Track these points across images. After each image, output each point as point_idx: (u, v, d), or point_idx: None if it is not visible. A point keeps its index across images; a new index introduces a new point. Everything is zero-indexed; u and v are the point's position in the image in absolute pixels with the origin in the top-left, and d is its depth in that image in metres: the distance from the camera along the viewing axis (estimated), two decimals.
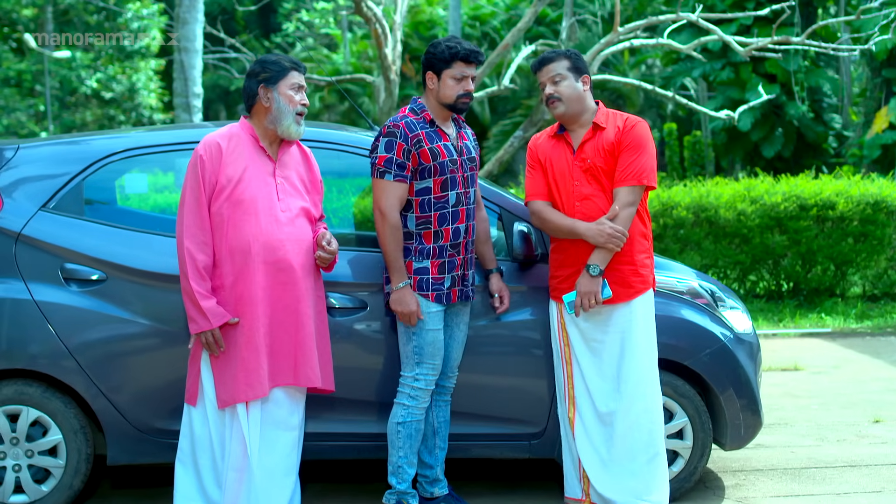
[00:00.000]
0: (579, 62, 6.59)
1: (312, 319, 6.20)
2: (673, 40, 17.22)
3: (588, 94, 6.57)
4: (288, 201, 6.17)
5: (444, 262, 6.40)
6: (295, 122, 6.19)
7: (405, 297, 6.33)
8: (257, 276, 6.05)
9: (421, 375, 6.43)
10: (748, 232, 15.37)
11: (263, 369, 6.06)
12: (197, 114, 18.43)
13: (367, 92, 33.65)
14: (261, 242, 6.04)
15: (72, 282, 6.52)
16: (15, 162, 6.73)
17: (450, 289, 6.42)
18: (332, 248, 6.18)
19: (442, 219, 6.38)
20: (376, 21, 15.57)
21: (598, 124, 6.51)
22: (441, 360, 6.46)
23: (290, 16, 44.44)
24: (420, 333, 6.40)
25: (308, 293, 6.18)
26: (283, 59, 6.29)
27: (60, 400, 6.55)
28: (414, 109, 6.51)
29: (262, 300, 6.06)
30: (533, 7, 15.57)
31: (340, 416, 6.74)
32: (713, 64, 28.29)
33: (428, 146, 6.34)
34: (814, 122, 29.61)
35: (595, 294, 6.36)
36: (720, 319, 7.05)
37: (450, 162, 6.37)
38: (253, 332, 6.05)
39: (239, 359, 6.05)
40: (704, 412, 6.95)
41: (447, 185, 6.38)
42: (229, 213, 6.04)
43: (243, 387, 6.04)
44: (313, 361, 6.17)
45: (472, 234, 6.50)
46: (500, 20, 36.39)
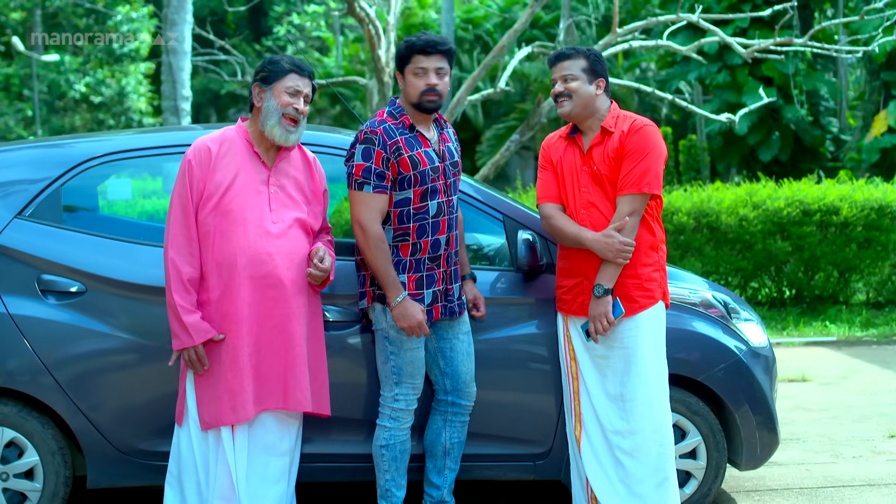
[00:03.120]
0: (597, 65, 6.19)
1: (305, 339, 5.83)
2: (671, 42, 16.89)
3: (601, 98, 6.19)
4: (281, 212, 5.80)
5: (421, 276, 6.01)
6: (280, 125, 5.80)
7: (407, 310, 5.92)
8: (243, 292, 5.71)
9: (401, 395, 6.07)
10: (750, 238, 15.15)
11: (248, 392, 5.71)
12: (185, 117, 18.12)
13: (359, 96, 33.40)
14: (248, 255, 5.69)
15: (49, 294, 6.17)
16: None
17: (431, 305, 6.02)
18: (323, 266, 5.79)
19: (421, 231, 5.99)
20: (369, 22, 15.29)
21: (606, 129, 6.12)
22: (421, 378, 6.10)
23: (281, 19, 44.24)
24: (398, 353, 6.04)
25: (300, 311, 5.81)
26: (286, 61, 5.92)
27: (37, 419, 6.20)
28: (392, 113, 6.07)
29: (247, 317, 5.71)
30: (530, 8, 15.29)
31: (335, 437, 6.39)
32: (709, 67, 28.02)
33: (408, 154, 5.94)
34: (811, 125, 29.39)
35: (606, 315, 6.00)
36: (734, 332, 6.73)
37: (431, 170, 5.97)
38: (237, 352, 5.70)
39: (223, 379, 5.72)
40: (719, 430, 6.62)
41: (427, 194, 5.98)
42: (217, 223, 5.71)
43: (227, 409, 5.71)
44: (304, 385, 5.80)
45: (454, 246, 6.11)
46: (493, 23, 36.13)
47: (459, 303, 6.15)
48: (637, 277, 6.07)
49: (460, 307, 6.16)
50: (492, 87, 15.29)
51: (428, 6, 38.00)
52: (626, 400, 6.08)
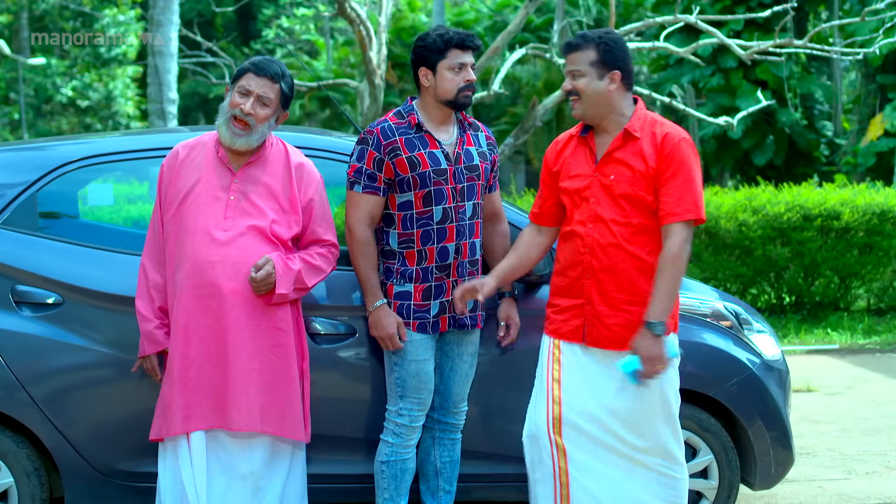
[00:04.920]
0: (609, 55, 5.31)
1: (251, 355, 5.44)
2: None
3: (618, 94, 5.35)
4: (236, 220, 5.46)
5: (429, 286, 5.71)
6: (226, 126, 5.48)
7: (381, 318, 5.67)
8: (185, 302, 5.42)
9: (405, 410, 5.76)
10: (749, 243, 14.92)
11: (177, 406, 5.42)
12: (172, 120, 17.81)
13: (349, 99, 33.12)
14: (192, 264, 5.40)
15: (24, 306, 5.85)
16: None
17: (437, 316, 5.72)
18: (255, 276, 5.36)
19: (425, 237, 5.69)
20: (360, 23, 14.97)
21: (630, 132, 5.35)
22: (428, 393, 5.77)
23: (270, 22, 43.98)
24: (402, 364, 5.74)
25: (241, 324, 5.42)
26: (251, 60, 5.62)
27: (11, 439, 5.86)
28: (400, 112, 5.81)
29: (184, 328, 5.42)
30: (523, 9, 15.00)
31: (327, 456, 6.05)
32: (703, 70, 27.80)
33: (406, 155, 5.65)
34: (806, 129, 29.21)
35: (662, 357, 5.19)
36: (747, 344, 6.44)
37: (433, 173, 5.66)
38: (172, 364, 5.44)
39: (162, 392, 5.52)
40: (731, 448, 6.31)
41: (430, 198, 5.68)
42: (173, 230, 5.49)
43: (161, 422, 5.49)
44: (242, 404, 5.41)
45: (467, 255, 5.77)
46: (484, 26, 35.87)
47: (472, 315, 5.82)
48: (647, 305, 5.30)
49: (473, 321, 5.83)
50: (483, 91, 14.98)
51: (418, 9, 37.79)
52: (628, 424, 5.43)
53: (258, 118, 5.50)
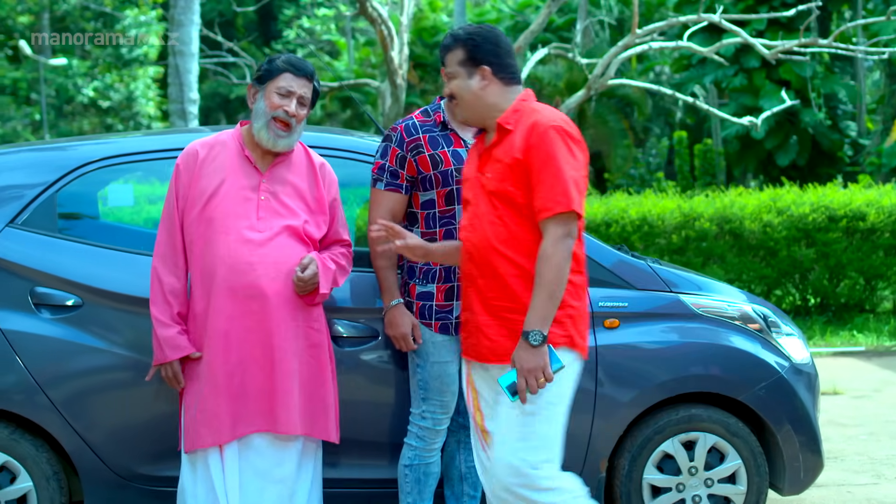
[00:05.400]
0: (476, 51, 4.99)
1: (295, 355, 5.37)
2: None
3: (493, 90, 4.98)
4: (270, 220, 5.37)
5: (452, 286, 5.62)
6: (267, 129, 5.38)
7: (396, 318, 5.62)
8: (223, 305, 5.30)
9: (427, 413, 5.67)
10: (774, 244, 14.83)
11: (225, 413, 5.29)
12: (193, 121, 17.75)
13: (370, 99, 33.07)
14: (227, 266, 5.28)
15: (43, 308, 5.77)
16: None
17: (460, 317, 5.62)
18: (302, 275, 5.30)
19: (448, 236, 5.61)
20: (382, 23, 14.92)
21: (502, 125, 4.97)
22: (452, 396, 5.68)
23: (291, 22, 43.98)
24: (424, 366, 5.66)
25: (286, 325, 5.35)
26: (282, 59, 5.51)
27: (31, 442, 5.79)
28: (427, 110, 5.75)
29: (226, 333, 5.30)
30: (546, 9, 14.93)
31: (350, 461, 5.97)
32: (725, 70, 27.66)
33: (429, 152, 5.59)
34: (829, 129, 29.05)
35: (543, 370, 4.72)
36: (775, 347, 6.33)
37: (456, 171, 5.58)
38: (215, 370, 5.30)
39: (202, 399, 5.33)
40: (760, 453, 6.21)
41: (453, 197, 5.60)
42: (200, 231, 5.35)
43: (204, 431, 5.31)
44: (292, 405, 5.34)
45: None
46: (505, 26, 35.78)
47: None
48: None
49: None
50: None
51: (439, 9, 37.71)
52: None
53: (299, 119, 5.44)
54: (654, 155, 31.21)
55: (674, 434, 6.14)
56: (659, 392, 6.11)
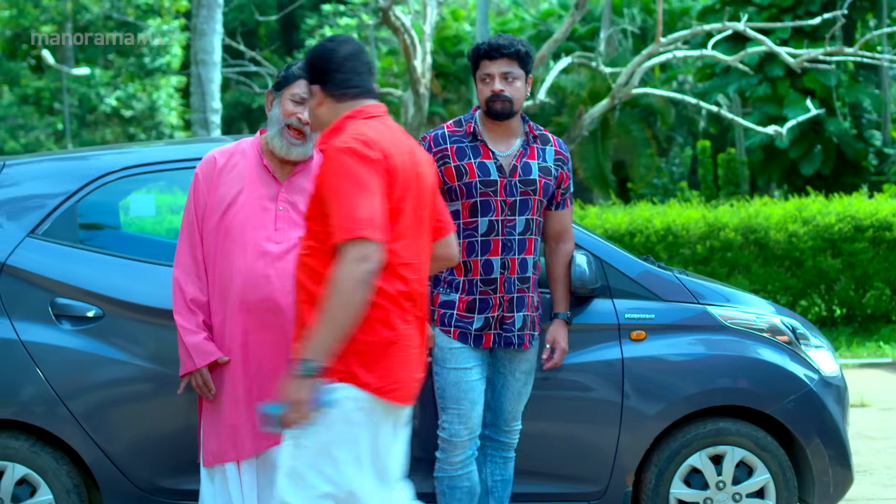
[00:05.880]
0: (310, 72, 4.72)
1: None
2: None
3: (327, 110, 4.66)
4: (288, 231, 5.26)
5: (474, 299, 5.54)
6: (280, 136, 5.28)
7: None
8: (238, 318, 5.21)
9: (445, 423, 5.59)
10: (800, 254, 14.74)
11: (245, 427, 5.20)
12: (215, 130, 17.72)
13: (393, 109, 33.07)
14: (243, 278, 5.18)
15: (64, 319, 5.73)
16: (0, 181, 5.93)
17: (481, 330, 5.55)
18: None
19: (469, 248, 5.54)
20: (405, 31, 14.89)
21: (318, 147, 4.71)
22: (470, 405, 5.56)
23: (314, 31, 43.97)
24: (441, 373, 5.58)
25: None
26: (299, 66, 5.37)
27: (51, 455, 5.74)
28: (460, 120, 5.69)
29: (243, 345, 5.22)
30: (570, 17, 14.88)
31: None
32: (749, 79, 27.55)
33: (455, 163, 5.53)
34: (854, 139, 28.91)
35: (300, 404, 4.27)
36: (804, 360, 6.25)
37: (481, 183, 5.51)
38: (234, 384, 5.22)
39: (223, 413, 5.25)
40: (789, 467, 6.13)
41: (477, 209, 5.53)
42: (218, 242, 5.26)
43: (227, 445, 5.22)
44: None
45: (515, 271, 5.57)
46: (528, 35, 35.74)
47: (520, 334, 5.61)
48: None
49: (520, 339, 5.62)
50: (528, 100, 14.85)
51: (462, 19, 37.70)
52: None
53: (313, 126, 5.35)
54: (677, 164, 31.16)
55: (701, 448, 6.07)
56: (686, 405, 6.05)
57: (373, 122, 4.59)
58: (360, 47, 4.73)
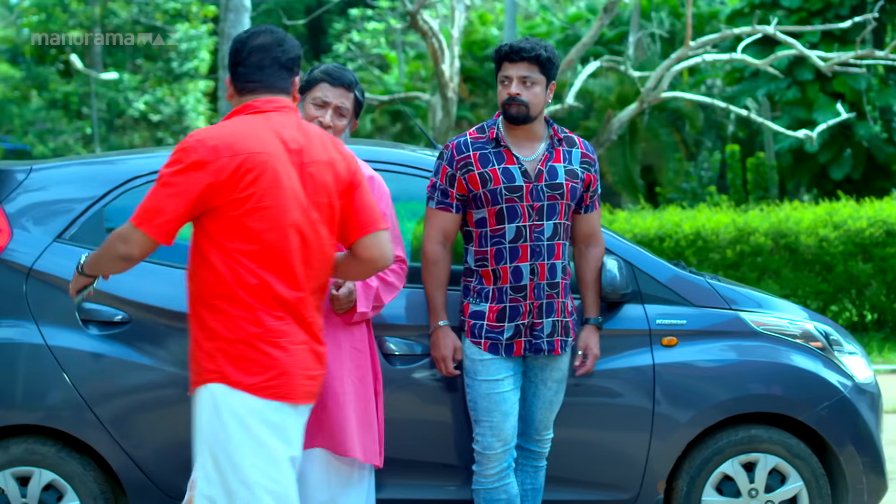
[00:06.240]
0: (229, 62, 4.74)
1: (337, 377, 5.18)
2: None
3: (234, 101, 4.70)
4: None
5: (504, 307, 5.48)
6: None
7: (437, 339, 5.54)
8: None
9: (479, 436, 5.54)
10: (830, 259, 14.65)
11: None
12: None
13: (420, 113, 33.05)
14: None
15: (91, 324, 5.70)
16: (27, 186, 5.92)
17: (512, 339, 5.49)
18: (336, 293, 5.12)
19: (498, 256, 5.48)
20: (433, 36, 14.86)
21: None
22: (502, 417, 5.50)
23: (341, 36, 44.04)
24: (472, 385, 5.53)
25: (327, 344, 5.20)
26: (321, 69, 5.38)
27: (78, 461, 5.71)
28: (483, 126, 5.62)
29: None
30: (598, 21, 14.83)
31: (408, 482, 5.87)
32: (778, 83, 27.40)
33: (479, 170, 5.46)
34: (885, 143, 28.70)
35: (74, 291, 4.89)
36: (838, 366, 6.19)
37: (506, 189, 5.44)
38: None
39: None
40: (822, 475, 6.06)
41: (503, 216, 5.47)
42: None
43: None
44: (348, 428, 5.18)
45: (545, 276, 5.50)
46: (555, 39, 35.67)
47: (550, 340, 5.55)
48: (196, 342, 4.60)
49: (550, 345, 5.56)
50: (557, 104, 14.81)
51: (489, 23, 37.65)
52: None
53: (336, 130, 5.28)
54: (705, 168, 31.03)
55: (733, 455, 6.01)
56: (718, 412, 5.99)
57: (254, 117, 4.55)
58: (272, 41, 4.63)
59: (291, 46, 4.66)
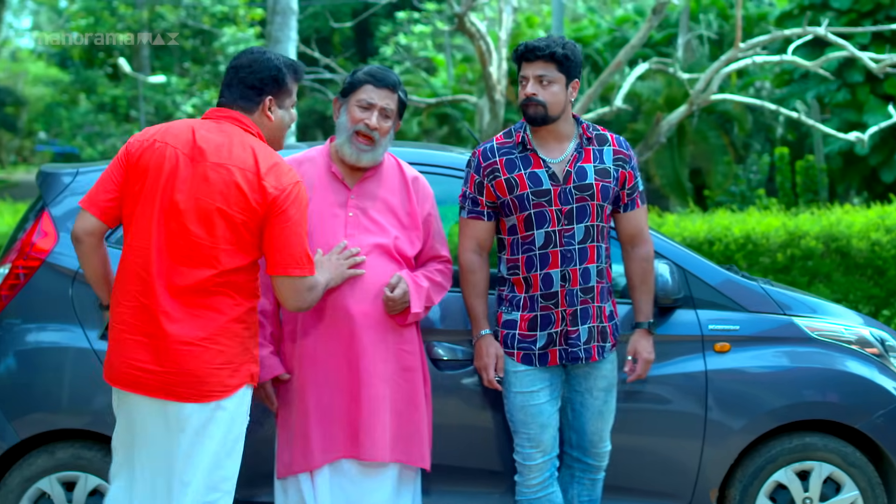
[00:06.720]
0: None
1: (383, 379, 5.18)
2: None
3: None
4: (359, 238, 5.19)
5: (535, 315, 5.36)
6: (349, 143, 5.21)
7: (479, 349, 5.43)
8: (309, 327, 5.15)
9: (518, 447, 5.46)
10: (882, 263, 14.41)
11: (314, 437, 5.12)
12: (290, 137, 17.66)
13: (467, 116, 32.98)
14: None
15: None
16: (74, 189, 5.89)
17: (545, 348, 5.37)
18: (392, 295, 5.11)
19: (529, 263, 5.36)
20: (480, 38, 14.78)
21: None
22: (539, 429, 5.40)
23: (388, 39, 44.03)
24: (508, 397, 5.43)
25: (374, 349, 5.15)
26: (364, 71, 5.32)
27: None
28: (510, 130, 5.49)
29: (313, 355, 5.14)
30: (648, 23, 14.69)
31: (454, 489, 5.81)
32: (828, 85, 27.17)
33: (505, 176, 5.34)
34: None
35: None
36: (894, 373, 6.09)
37: (532, 194, 5.31)
38: (304, 393, 5.15)
39: (295, 423, 5.19)
40: (878, 484, 5.97)
41: (532, 222, 5.33)
42: None
43: (298, 456, 5.16)
44: (378, 431, 5.14)
45: (577, 282, 5.34)
46: (603, 42, 35.52)
47: (587, 348, 5.41)
48: None
49: (587, 353, 5.42)
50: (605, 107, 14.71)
51: (536, 25, 37.54)
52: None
53: (382, 131, 5.24)
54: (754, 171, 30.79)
55: (787, 463, 5.93)
56: (771, 419, 5.91)
57: (193, 120, 4.85)
58: (245, 63, 4.88)
59: (263, 68, 4.86)
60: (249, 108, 4.85)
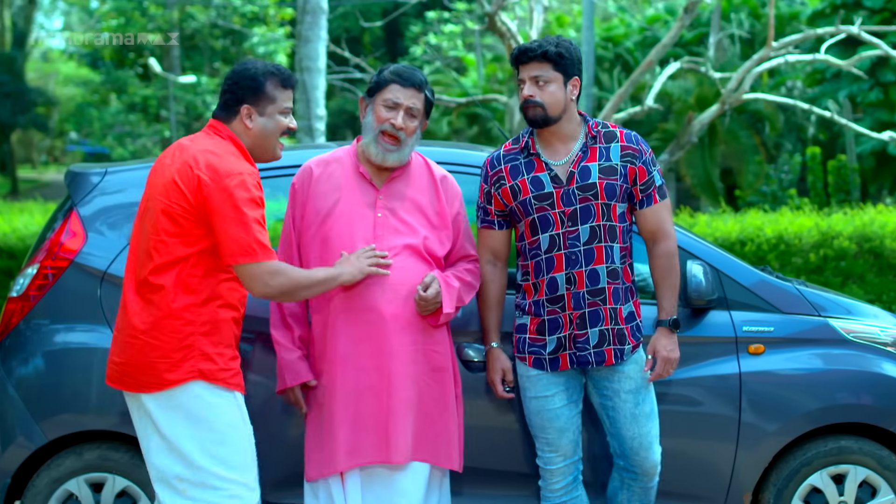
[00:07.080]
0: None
1: (413, 382, 5.13)
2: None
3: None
4: (388, 238, 5.14)
5: (543, 320, 5.29)
6: (376, 143, 5.16)
7: (488, 361, 5.43)
8: (339, 329, 5.09)
9: (539, 451, 5.42)
10: None
11: (341, 441, 5.07)
12: (320, 137, 17.69)
13: (497, 115, 32.94)
14: (343, 288, 5.06)
15: None
16: (101, 189, 5.87)
17: (556, 353, 5.30)
18: (425, 294, 5.06)
19: (537, 269, 5.30)
20: (511, 37, 14.72)
21: None
22: (557, 433, 5.35)
23: (418, 39, 44.02)
24: (524, 402, 5.40)
25: (405, 350, 5.10)
26: (390, 70, 5.27)
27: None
28: (518, 136, 5.44)
29: (343, 357, 5.09)
30: (679, 21, 14.60)
31: (484, 491, 5.76)
32: (861, 84, 27.04)
33: (509, 183, 5.29)
34: None
35: None
36: None
37: (535, 199, 5.24)
38: (333, 396, 5.10)
39: (322, 425, 5.15)
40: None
41: (536, 226, 5.27)
42: (317, 252, 5.15)
43: (327, 459, 5.12)
44: (406, 434, 5.10)
45: (583, 284, 5.24)
46: (633, 41, 35.43)
47: (597, 351, 5.30)
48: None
49: (598, 356, 5.31)
50: (636, 106, 14.62)
51: (567, 24, 37.46)
52: None
53: (408, 131, 5.18)
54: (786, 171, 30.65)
55: (822, 466, 5.85)
56: (806, 422, 5.82)
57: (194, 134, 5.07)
58: (228, 73, 5.07)
59: (240, 78, 4.99)
60: (227, 117, 4.97)
